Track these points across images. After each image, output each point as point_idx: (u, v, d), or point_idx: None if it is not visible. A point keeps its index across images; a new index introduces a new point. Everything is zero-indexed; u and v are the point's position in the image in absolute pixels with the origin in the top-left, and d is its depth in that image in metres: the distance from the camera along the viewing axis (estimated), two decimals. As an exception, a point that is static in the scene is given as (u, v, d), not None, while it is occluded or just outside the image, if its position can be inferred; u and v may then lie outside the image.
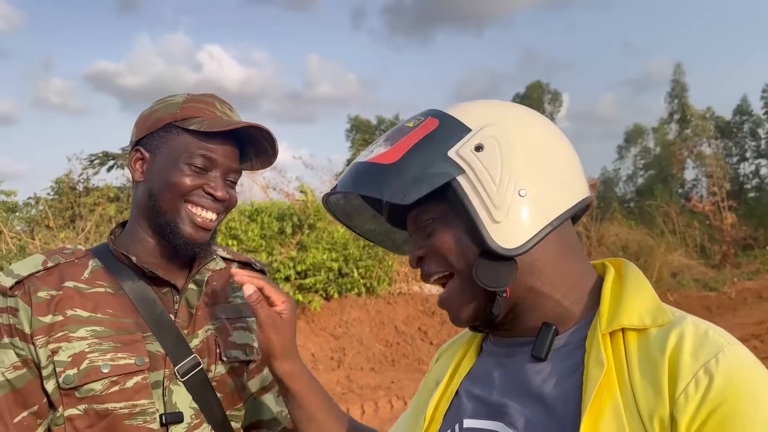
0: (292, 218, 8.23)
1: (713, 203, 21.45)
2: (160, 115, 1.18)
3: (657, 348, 0.72)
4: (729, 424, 0.64)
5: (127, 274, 1.17)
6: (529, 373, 0.82)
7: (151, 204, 1.16)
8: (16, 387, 1.08)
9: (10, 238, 8.26)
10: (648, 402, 0.69)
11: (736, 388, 0.66)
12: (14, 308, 1.09)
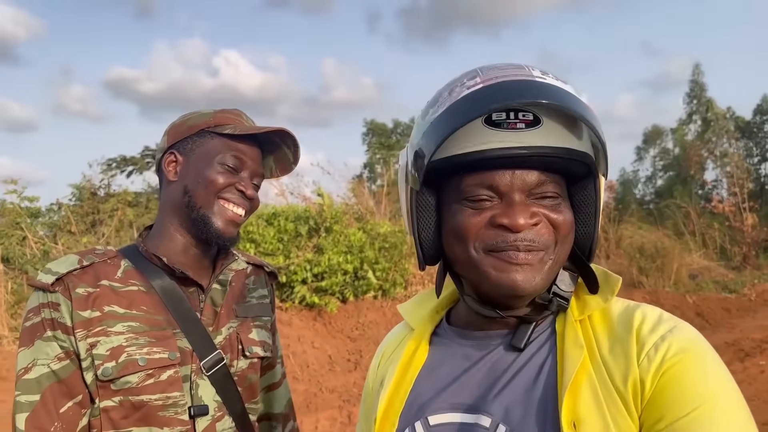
0: (308, 221, 8.32)
1: (733, 204, 21.25)
2: (194, 122, 1.28)
3: (623, 326, 0.80)
4: (682, 374, 0.73)
5: (157, 274, 1.24)
6: (505, 363, 0.84)
7: (186, 200, 1.24)
8: (61, 377, 1.15)
9: (35, 243, 8.45)
10: (621, 371, 0.76)
11: (687, 350, 0.75)
12: (56, 303, 1.16)
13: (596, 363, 0.78)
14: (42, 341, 1.15)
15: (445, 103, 0.80)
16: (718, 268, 16.78)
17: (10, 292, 7.40)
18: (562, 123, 0.79)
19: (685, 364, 0.74)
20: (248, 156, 1.27)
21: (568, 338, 0.81)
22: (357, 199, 11.68)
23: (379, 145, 38.38)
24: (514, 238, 0.78)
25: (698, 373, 0.74)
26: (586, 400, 0.75)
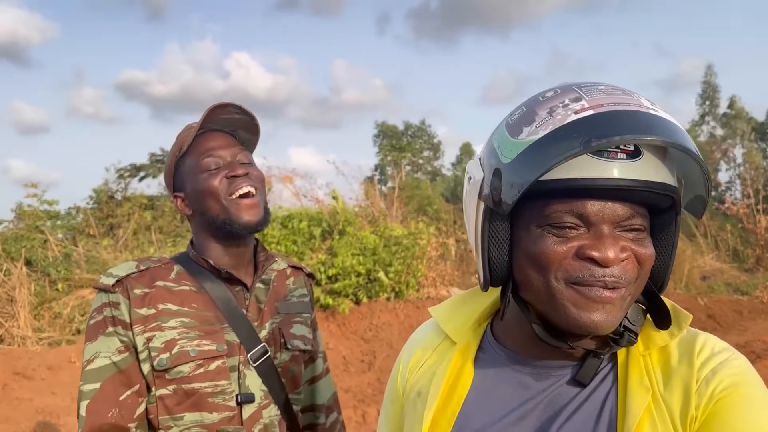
0: (322, 224, 8.43)
1: (747, 206, 21.11)
2: (169, 161, 1.43)
3: (682, 359, 0.80)
4: (730, 408, 0.74)
5: (206, 276, 1.37)
6: (566, 397, 0.81)
7: (207, 218, 1.36)
8: (121, 368, 1.27)
9: (56, 246, 8.62)
10: (679, 407, 0.76)
11: (737, 384, 0.76)
12: (116, 302, 1.29)
13: (656, 401, 0.77)
14: (104, 336, 1.28)
15: (548, 126, 0.75)
16: (731, 270, 16.67)
17: (33, 294, 7.56)
18: (659, 156, 0.76)
19: (733, 398, 0.74)
20: (217, 146, 1.37)
21: (633, 376, 0.79)
22: (369, 201, 11.80)
23: (390, 147, 38.41)
24: (602, 273, 0.74)
25: (745, 407, 0.74)
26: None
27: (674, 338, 0.81)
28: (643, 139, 0.72)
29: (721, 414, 0.74)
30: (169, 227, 10.96)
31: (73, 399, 5.78)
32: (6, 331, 7.07)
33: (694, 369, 0.77)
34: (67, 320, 7.41)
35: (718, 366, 0.77)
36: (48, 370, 6.03)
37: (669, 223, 0.81)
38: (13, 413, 5.33)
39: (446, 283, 10.16)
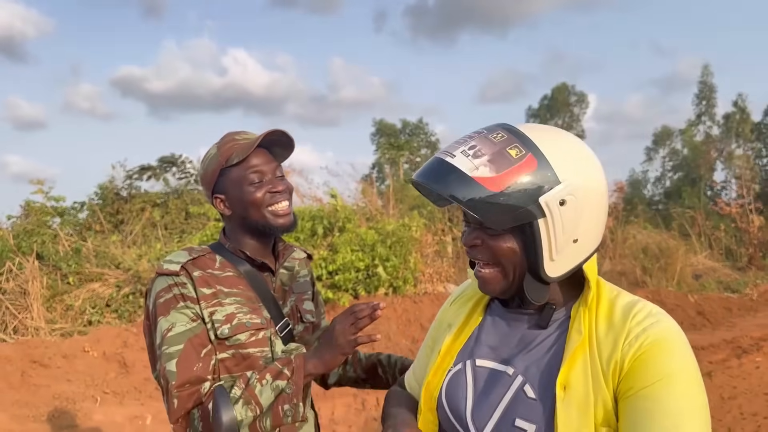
0: (322, 221, 8.70)
1: (740, 206, 21.37)
2: (212, 168, 1.64)
3: (620, 317, 1.04)
4: (653, 357, 0.98)
5: (242, 264, 1.64)
6: (531, 335, 1.12)
7: (247, 221, 1.62)
8: (196, 332, 1.51)
9: (65, 241, 8.89)
10: (608, 352, 1.01)
11: (661, 340, 0.99)
12: (183, 283, 1.53)
13: (592, 344, 1.03)
14: (176, 311, 1.52)
15: None
16: (723, 269, 16.91)
17: (45, 287, 7.84)
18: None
19: (656, 350, 0.98)
20: (261, 163, 1.63)
21: (574, 325, 1.07)
22: (367, 199, 12.07)
23: (388, 146, 38.64)
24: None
25: (665, 357, 0.98)
26: (577, 371, 1.02)
27: (591, 299, 1.08)
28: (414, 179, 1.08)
29: (646, 361, 0.98)
30: (174, 224, 11.23)
31: (87, 386, 6.07)
32: (20, 323, 7.35)
33: (628, 325, 1.02)
34: (79, 312, 7.69)
35: (649, 326, 1.01)
36: (63, 358, 6.30)
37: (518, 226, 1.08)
38: (31, 399, 5.60)
39: (443, 280, 10.43)
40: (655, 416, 0.95)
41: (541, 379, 1.06)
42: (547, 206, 1.01)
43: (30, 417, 5.28)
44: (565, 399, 1.00)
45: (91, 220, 11.31)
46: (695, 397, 0.98)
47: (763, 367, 7.51)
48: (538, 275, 1.06)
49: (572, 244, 1.05)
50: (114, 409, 5.51)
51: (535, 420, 1.03)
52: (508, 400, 1.07)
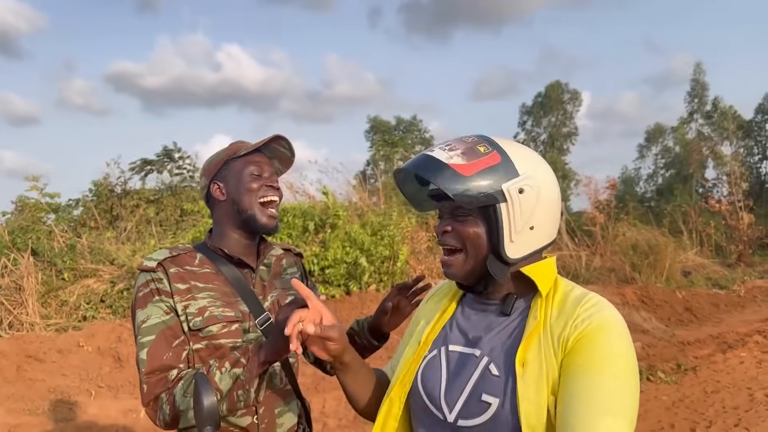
0: (314, 218, 8.81)
1: (730, 203, 21.55)
2: (218, 158, 1.79)
3: (571, 304, 1.18)
4: (592, 340, 1.11)
5: (222, 262, 1.74)
6: (496, 321, 1.26)
7: (236, 208, 1.74)
8: (169, 325, 1.62)
9: (60, 237, 8.97)
10: (558, 333, 1.15)
11: (602, 326, 1.13)
12: (159, 278, 1.65)
13: (546, 327, 1.17)
14: (152, 304, 1.63)
15: None
16: (713, 266, 17.04)
17: (40, 283, 7.92)
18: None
19: (595, 334, 1.12)
20: (263, 163, 1.78)
21: (531, 312, 1.22)
22: (358, 196, 12.17)
23: (382, 142, 38.73)
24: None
25: (605, 340, 1.11)
26: (533, 350, 1.16)
27: (544, 292, 1.22)
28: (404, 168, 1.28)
29: (588, 342, 1.12)
30: (168, 221, 11.31)
31: (82, 380, 6.16)
32: (15, 318, 7.44)
33: (577, 311, 1.16)
34: (74, 308, 7.78)
35: (594, 312, 1.15)
36: (58, 353, 6.39)
37: (482, 210, 1.23)
38: (27, 392, 5.70)
39: (434, 276, 10.55)
40: (589, 390, 1.07)
41: (503, 359, 1.19)
42: (509, 192, 1.19)
43: (25, 410, 5.37)
44: (523, 375, 1.13)
45: (86, 217, 11.39)
46: (627, 378, 1.09)
47: (747, 362, 7.66)
48: (500, 255, 1.22)
49: (529, 231, 1.22)
50: (108, 402, 5.61)
51: (498, 394, 1.16)
52: (476, 378, 1.21)
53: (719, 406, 5.86)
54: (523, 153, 1.26)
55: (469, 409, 1.19)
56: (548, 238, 1.27)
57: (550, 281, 1.24)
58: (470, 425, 1.18)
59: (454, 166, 1.19)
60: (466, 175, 1.19)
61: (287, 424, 1.76)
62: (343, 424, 5.33)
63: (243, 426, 1.66)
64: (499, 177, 1.20)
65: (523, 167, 1.22)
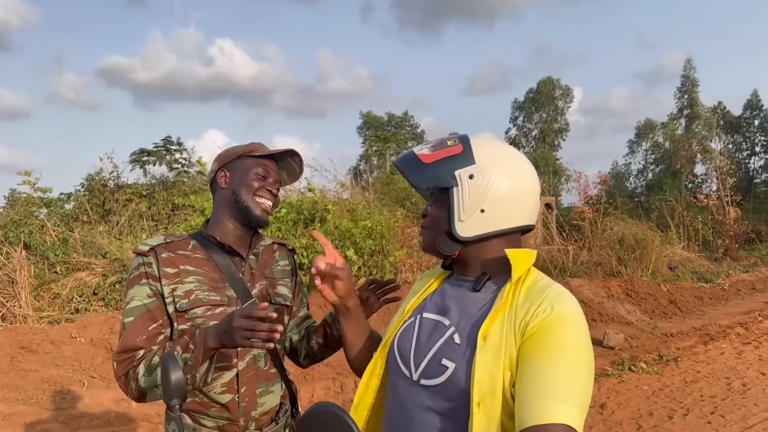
0: (303, 212, 8.92)
1: (718, 198, 21.75)
2: (234, 151, 1.92)
3: (536, 292, 1.27)
4: (549, 329, 1.20)
5: (213, 249, 1.86)
6: (467, 297, 1.37)
7: (234, 198, 1.86)
8: (149, 308, 1.74)
9: (53, 231, 9.05)
10: (520, 317, 1.23)
11: (560, 317, 1.21)
12: (149, 263, 1.77)
13: (511, 308, 1.26)
14: (139, 285, 1.76)
15: None
16: (699, 260, 17.24)
17: (33, 276, 8.00)
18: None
19: (554, 323, 1.20)
20: (271, 169, 1.92)
21: (500, 293, 1.31)
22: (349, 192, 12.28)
23: (375, 138, 38.77)
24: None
25: (563, 330, 1.19)
26: (496, 326, 1.25)
27: (515, 277, 1.31)
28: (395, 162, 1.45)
29: (546, 330, 1.20)
30: (160, 215, 11.40)
31: (75, 370, 6.27)
32: (8, 311, 7.52)
33: (540, 299, 1.24)
34: (66, 300, 7.86)
35: (557, 303, 1.23)
36: (51, 344, 6.48)
37: (443, 195, 1.39)
38: (20, 383, 5.79)
39: (423, 269, 10.68)
40: (543, 376, 1.16)
41: (467, 331, 1.31)
42: (459, 177, 1.35)
43: (19, 400, 5.47)
44: (483, 347, 1.24)
45: (78, 211, 11.46)
46: (580, 369, 1.18)
47: (728, 353, 7.85)
48: (451, 233, 1.37)
49: (479, 213, 1.34)
50: (101, 392, 5.70)
51: (456, 360, 1.28)
52: (440, 344, 1.33)
53: (697, 395, 6.02)
54: (489, 147, 1.39)
55: (430, 369, 1.32)
56: (508, 223, 1.37)
57: (523, 269, 1.33)
58: (429, 384, 1.31)
59: (420, 156, 1.38)
60: (425, 162, 1.37)
61: (269, 403, 1.87)
62: (330, 412, 5.44)
63: (223, 403, 1.78)
64: (454, 165, 1.35)
65: (482, 158, 1.36)
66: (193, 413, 1.79)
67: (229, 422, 1.80)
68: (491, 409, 1.20)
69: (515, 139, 45.53)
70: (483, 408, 1.20)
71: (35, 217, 10.13)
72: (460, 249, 1.40)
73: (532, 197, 1.41)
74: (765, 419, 5.21)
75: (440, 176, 1.36)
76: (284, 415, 1.95)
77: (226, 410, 1.79)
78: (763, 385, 6.31)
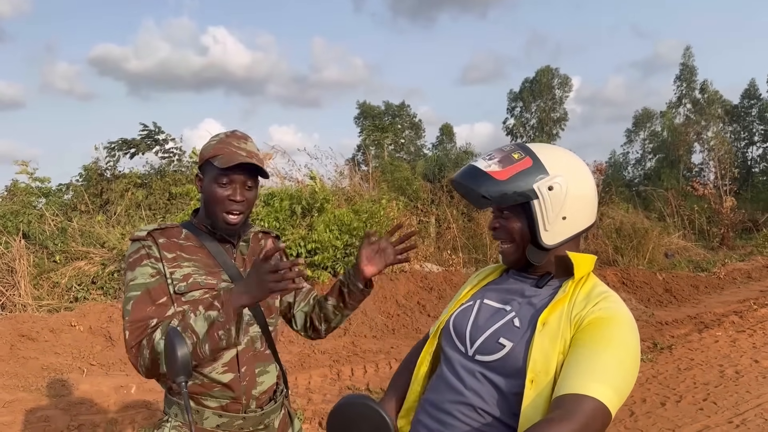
0: (301, 202, 8.93)
1: (715, 187, 21.79)
2: (205, 153, 1.90)
3: (595, 293, 1.39)
4: (600, 325, 1.31)
5: (205, 237, 1.92)
6: (530, 291, 1.47)
7: (206, 207, 1.89)
8: (154, 286, 1.78)
9: (51, 221, 9.08)
10: (577, 310, 1.35)
11: (612, 316, 1.32)
12: (149, 245, 1.82)
13: (570, 302, 1.38)
14: (141, 266, 1.80)
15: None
16: (695, 249, 17.30)
17: (32, 265, 8.05)
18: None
19: (608, 321, 1.31)
20: (234, 175, 1.87)
21: (563, 287, 1.43)
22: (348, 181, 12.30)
23: (372, 128, 38.74)
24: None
25: (612, 327, 1.30)
26: (555, 315, 1.36)
27: (577, 277, 1.42)
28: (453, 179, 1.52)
29: (599, 323, 1.32)
30: (157, 204, 11.42)
31: (74, 358, 6.33)
32: (8, 299, 7.57)
33: (597, 299, 1.37)
34: (65, 289, 7.91)
35: (612, 305, 1.36)
36: (51, 332, 6.54)
37: (520, 207, 1.46)
38: (20, 370, 5.85)
39: (420, 259, 10.74)
40: (589, 359, 1.26)
41: (527, 318, 1.41)
42: (539, 190, 1.41)
43: (19, 387, 5.52)
44: (542, 331, 1.34)
45: (76, 201, 11.47)
46: (625, 361, 1.28)
47: (722, 341, 7.90)
48: (537, 243, 1.45)
49: (562, 221, 1.43)
50: (100, 379, 5.76)
51: (513, 339, 1.38)
52: (499, 325, 1.44)
53: (690, 382, 6.07)
54: (554, 155, 1.46)
55: (486, 346, 1.42)
56: (583, 225, 1.47)
57: (585, 270, 1.44)
58: (484, 360, 1.41)
59: (491, 173, 1.42)
60: (501, 179, 1.41)
61: (267, 383, 1.93)
62: (327, 398, 5.52)
63: (225, 382, 1.83)
64: (531, 178, 1.41)
65: (553, 168, 1.42)
66: (195, 395, 1.84)
67: (232, 401, 1.85)
68: (542, 387, 1.30)
69: (513, 129, 45.45)
70: (535, 385, 1.30)
71: (34, 207, 10.15)
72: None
73: (595, 196, 1.51)
74: (756, 406, 5.26)
75: (520, 192, 1.41)
76: (281, 395, 2.01)
77: (228, 389, 1.84)
78: (755, 372, 6.36)
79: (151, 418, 4.86)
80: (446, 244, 12.62)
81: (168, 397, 1.88)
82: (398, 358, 6.83)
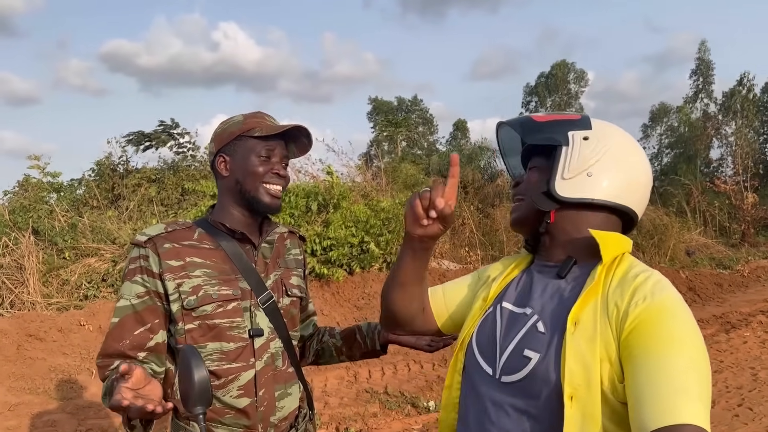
0: (317, 198, 8.74)
1: (735, 183, 21.45)
2: (231, 130, 1.69)
3: (632, 277, 1.13)
4: (654, 321, 1.05)
5: (222, 237, 1.67)
6: (552, 284, 1.24)
7: (238, 188, 1.66)
8: (137, 310, 1.56)
9: (62, 217, 8.94)
10: (614, 303, 1.09)
11: (663, 308, 1.06)
12: (146, 256, 1.58)
13: (603, 293, 1.13)
14: (130, 282, 1.58)
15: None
16: (716, 246, 17.03)
17: (41, 262, 7.90)
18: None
19: (659, 314, 1.05)
20: (275, 145, 1.69)
21: (591, 274, 1.19)
22: (363, 176, 12.11)
23: (386, 123, 38.48)
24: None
25: (667, 322, 1.05)
26: (588, 311, 1.12)
27: (607, 260, 1.17)
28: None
29: (651, 321, 1.05)
30: (170, 200, 11.27)
31: (83, 359, 6.16)
32: (16, 297, 7.43)
33: (636, 283, 1.11)
34: (75, 287, 7.76)
35: (657, 291, 1.09)
36: (59, 332, 6.38)
37: (547, 158, 1.33)
38: (27, 371, 5.69)
39: (437, 256, 10.53)
40: (662, 372, 1.01)
41: (552, 317, 1.18)
42: (573, 138, 1.27)
43: (26, 389, 5.37)
44: (575, 333, 1.10)
45: (88, 196, 11.36)
46: (698, 361, 1.03)
47: (751, 342, 7.65)
48: (549, 190, 1.26)
49: (585, 176, 1.24)
50: (110, 381, 5.61)
51: (540, 350, 1.14)
52: (521, 335, 1.20)
53: (722, 386, 5.84)
54: (612, 128, 1.32)
55: (510, 364, 1.19)
56: (612, 197, 1.24)
57: (615, 252, 1.19)
58: (511, 381, 1.17)
59: (534, 117, 1.34)
60: (538, 121, 1.33)
61: (288, 407, 1.70)
62: (344, 402, 5.34)
63: (240, 408, 1.61)
64: (569, 127, 1.28)
65: (600, 129, 1.29)
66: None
67: (245, 429, 1.63)
68: (587, 404, 1.06)
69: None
70: (577, 402, 1.06)
71: (45, 202, 10.02)
72: (556, 211, 1.27)
73: (644, 187, 1.30)
74: (796, 413, 5.01)
75: (552, 134, 1.29)
76: (303, 420, 1.77)
77: (243, 416, 1.62)
78: (791, 376, 6.10)
79: (161, 424, 4.67)
80: (462, 240, 12.39)
81: (175, 421, 1.65)
82: (416, 360, 6.64)
